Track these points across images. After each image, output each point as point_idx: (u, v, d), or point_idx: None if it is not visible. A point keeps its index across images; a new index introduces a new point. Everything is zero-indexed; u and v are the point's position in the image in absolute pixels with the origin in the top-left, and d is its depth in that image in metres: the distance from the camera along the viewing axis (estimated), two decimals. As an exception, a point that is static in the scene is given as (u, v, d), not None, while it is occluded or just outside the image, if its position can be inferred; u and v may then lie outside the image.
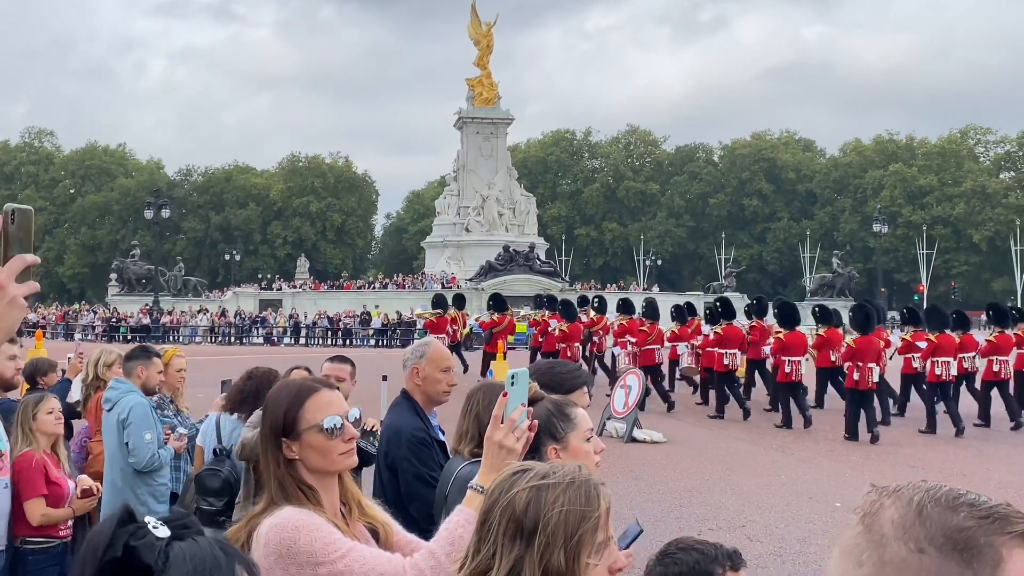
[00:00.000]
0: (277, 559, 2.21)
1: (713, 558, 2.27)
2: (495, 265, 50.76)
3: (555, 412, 2.66)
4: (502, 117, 59.88)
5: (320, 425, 2.36)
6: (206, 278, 74.38)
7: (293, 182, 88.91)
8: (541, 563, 1.69)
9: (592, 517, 1.72)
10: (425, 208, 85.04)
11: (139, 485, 5.69)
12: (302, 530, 2.22)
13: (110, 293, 58.92)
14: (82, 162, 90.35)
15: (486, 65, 60.36)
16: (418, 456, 4.11)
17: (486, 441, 2.34)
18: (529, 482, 1.76)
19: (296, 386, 2.45)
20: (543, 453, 2.55)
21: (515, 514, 1.72)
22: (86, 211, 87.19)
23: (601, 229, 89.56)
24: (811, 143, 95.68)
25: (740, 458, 13.27)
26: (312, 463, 2.36)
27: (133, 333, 44.64)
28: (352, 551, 2.23)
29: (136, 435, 5.59)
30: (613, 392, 15.47)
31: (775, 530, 9.05)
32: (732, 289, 57.10)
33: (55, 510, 5.00)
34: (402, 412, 4.29)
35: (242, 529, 2.35)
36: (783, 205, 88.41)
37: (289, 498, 2.33)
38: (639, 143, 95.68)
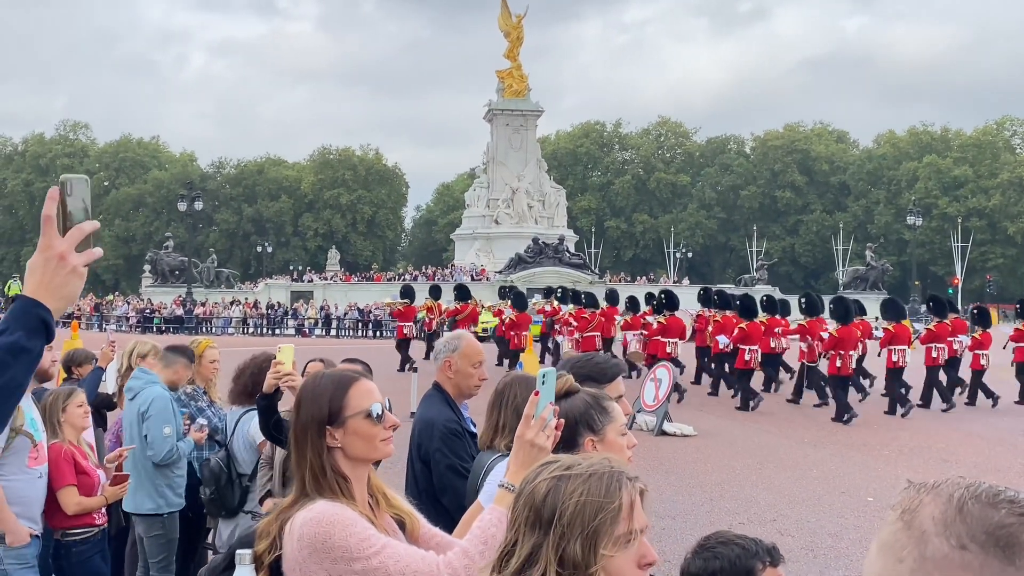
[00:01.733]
0: (311, 553, 2.21)
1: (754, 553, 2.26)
2: (524, 257, 50.74)
3: (593, 405, 2.66)
4: (532, 109, 59.76)
5: (368, 411, 2.40)
6: (238, 270, 74.96)
7: (324, 174, 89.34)
8: (557, 552, 1.70)
9: (610, 508, 1.73)
10: (455, 200, 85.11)
11: (157, 477, 5.74)
12: (337, 525, 2.22)
13: (144, 284, 59.56)
14: (116, 154, 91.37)
15: (516, 57, 60.25)
16: (450, 447, 4.12)
17: (517, 439, 2.35)
18: (552, 472, 1.78)
19: (338, 375, 2.50)
20: (580, 445, 2.55)
21: (535, 503, 1.75)
22: (120, 203, 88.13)
23: (631, 221, 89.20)
24: (844, 134, 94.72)
25: (771, 452, 13.19)
26: (355, 450, 2.38)
27: (166, 324, 45.11)
28: (386, 548, 2.23)
29: (155, 428, 5.63)
30: (643, 385, 15.43)
31: (807, 524, 8.99)
32: (764, 282, 56.71)
33: (88, 499, 5.10)
34: (434, 404, 4.30)
35: (273, 523, 2.35)
36: (816, 197, 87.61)
37: (323, 490, 2.33)
38: (670, 135, 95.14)
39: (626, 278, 61.51)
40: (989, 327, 19.84)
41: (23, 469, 4.67)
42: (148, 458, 5.67)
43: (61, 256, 1.70)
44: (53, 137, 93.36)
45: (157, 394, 5.73)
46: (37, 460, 4.75)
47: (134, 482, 5.74)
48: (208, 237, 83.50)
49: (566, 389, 2.64)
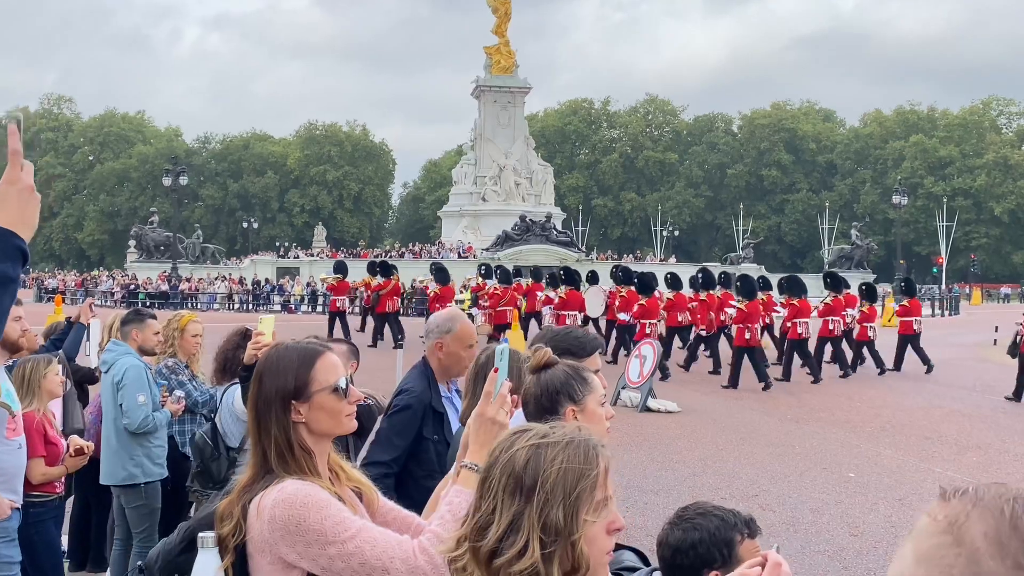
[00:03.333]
0: (284, 536, 2.17)
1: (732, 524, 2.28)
2: (511, 235, 50.63)
3: (573, 375, 2.66)
4: (519, 86, 59.49)
5: (333, 385, 2.34)
6: (224, 245, 74.62)
7: (310, 150, 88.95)
8: (540, 518, 1.70)
9: (590, 475, 1.73)
10: (442, 177, 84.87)
11: (134, 447, 5.76)
12: (311, 507, 2.17)
13: (129, 259, 59.26)
14: (100, 129, 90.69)
15: (504, 33, 59.89)
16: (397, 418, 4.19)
17: (477, 417, 2.29)
18: (529, 440, 1.77)
19: (302, 347, 2.41)
20: (561, 414, 2.54)
21: (515, 471, 1.74)
22: (105, 178, 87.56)
23: (619, 199, 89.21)
24: (831, 113, 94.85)
25: (754, 428, 13.28)
26: (319, 425, 2.33)
27: (151, 299, 44.90)
28: (362, 531, 2.19)
29: (130, 397, 5.67)
30: (628, 362, 15.49)
31: (788, 500, 9.07)
32: (750, 260, 56.81)
33: (52, 468, 5.17)
34: (412, 377, 4.35)
35: (235, 503, 2.27)
36: (802, 176, 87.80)
37: (288, 467, 2.27)
38: (658, 113, 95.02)
39: (613, 256, 61.51)
40: (876, 302, 21.70)
41: (2, 441, 4.65)
42: (124, 427, 5.69)
43: (31, 188, 1.80)
44: (37, 111, 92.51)
45: (130, 364, 5.77)
46: (15, 431, 4.73)
47: (109, 453, 5.75)
48: (194, 212, 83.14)
49: (545, 361, 2.64)
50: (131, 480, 5.77)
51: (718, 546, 2.25)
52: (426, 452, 4.14)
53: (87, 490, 6.56)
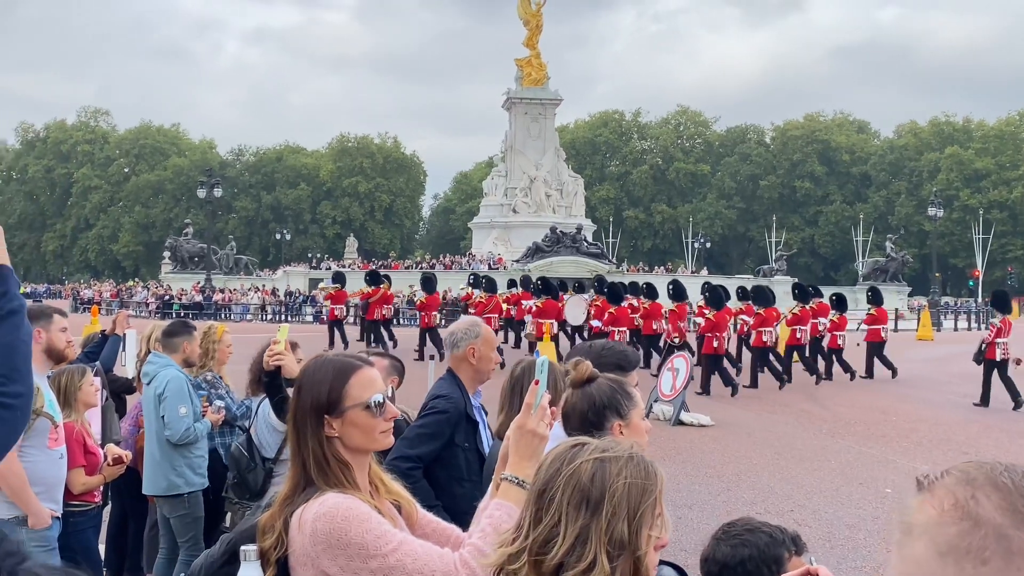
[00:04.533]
0: (326, 549, 2.16)
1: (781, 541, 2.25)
2: (542, 246, 50.61)
3: (619, 390, 2.65)
4: (550, 98, 59.57)
5: (366, 402, 2.32)
6: (257, 257, 75.26)
7: (342, 162, 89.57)
8: (607, 532, 1.69)
9: (653, 491, 1.74)
10: (473, 189, 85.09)
11: (176, 458, 5.81)
12: (353, 520, 2.17)
13: (163, 271, 59.87)
14: (136, 141, 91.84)
15: (535, 45, 60.03)
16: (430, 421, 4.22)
17: (517, 429, 2.26)
18: (591, 454, 1.76)
19: (340, 361, 2.39)
20: (608, 429, 2.52)
21: (580, 483, 1.73)
22: (140, 190, 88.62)
23: (650, 211, 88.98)
24: (866, 124, 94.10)
25: (789, 443, 13.15)
26: (353, 441, 2.32)
27: (185, 310, 45.31)
28: (403, 544, 2.18)
29: (172, 409, 5.72)
30: (660, 375, 15.41)
31: (824, 515, 8.96)
32: (783, 272, 56.38)
33: (91, 477, 5.24)
34: (445, 385, 4.38)
35: (277, 516, 2.27)
36: (836, 188, 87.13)
37: (328, 479, 2.27)
38: (689, 124, 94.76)
39: (644, 268, 61.32)
40: (845, 311, 22.62)
41: (44, 450, 4.71)
42: (166, 438, 5.74)
43: None
44: (74, 124, 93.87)
45: (172, 375, 5.82)
46: (57, 441, 4.79)
47: (152, 464, 5.80)
48: (227, 224, 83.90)
49: (588, 375, 2.63)
50: (174, 490, 5.82)
51: (767, 563, 2.22)
52: (455, 459, 4.17)
53: (124, 499, 6.62)
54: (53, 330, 4.85)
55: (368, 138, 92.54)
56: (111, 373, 7.28)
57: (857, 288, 57.35)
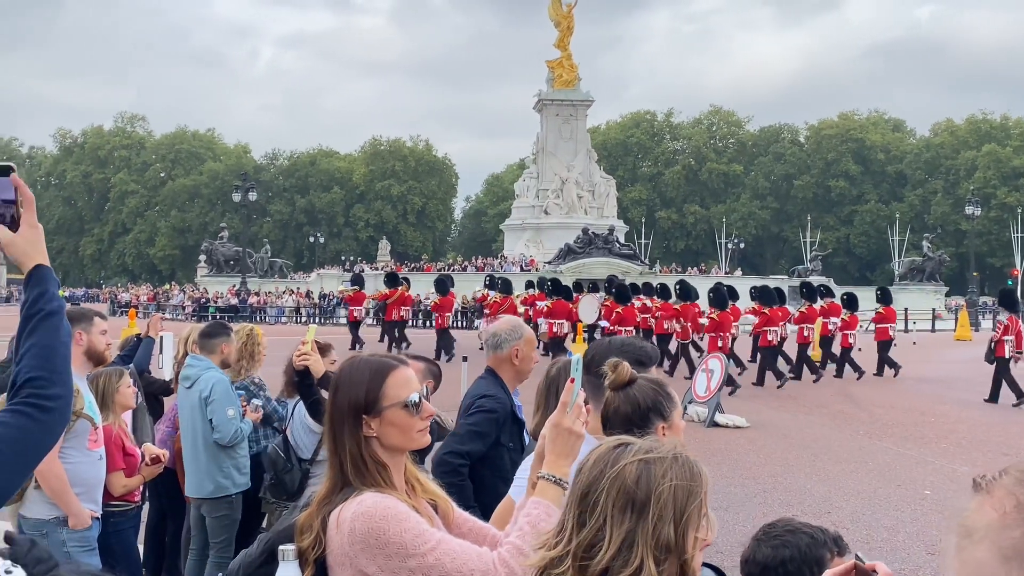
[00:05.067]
0: (363, 548, 2.16)
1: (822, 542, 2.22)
2: (574, 248, 50.51)
3: (660, 391, 2.63)
4: (582, 99, 59.47)
5: (404, 401, 2.33)
6: (291, 260, 75.83)
7: (375, 165, 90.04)
8: (654, 535, 1.67)
9: (698, 492, 1.72)
10: (504, 191, 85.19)
11: (224, 459, 5.83)
12: (391, 520, 2.17)
13: (199, 274, 60.50)
14: (172, 146, 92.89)
15: (567, 47, 59.97)
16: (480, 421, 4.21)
17: (553, 428, 2.26)
18: (635, 455, 1.74)
19: (375, 363, 2.40)
20: (651, 432, 2.50)
21: (625, 486, 1.70)
22: (176, 194, 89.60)
23: (682, 211, 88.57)
24: (901, 123, 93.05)
25: (825, 444, 13.02)
26: (390, 440, 2.32)
27: (221, 313, 45.73)
28: (441, 543, 2.19)
29: (220, 412, 5.73)
30: (695, 376, 15.32)
31: (862, 518, 8.86)
32: (818, 273, 55.84)
33: (131, 479, 5.27)
34: (489, 385, 4.37)
35: (314, 516, 2.28)
36: (871, 187, 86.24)
37: (365, 480, 2.27)
38: (722, 124, 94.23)
39: (677, 269, 61.03)
40: (856, 311, 22.59)
41: (84, 452, 4.76)
42: (215, 441, 5.76)
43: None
44: (111, 129, 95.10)
45: (217, 379, 5.83)
46: (96, 443, 4.85)
47: (198, 467, 5.84)
48: (262, 228, 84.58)
49: (629, 377, 2.61)
50: (222, 492, 5.84)
51: (808, 564, 2.20)
52: (501, 458, 4.18)
53: (162, 500, 6.68)
54: (94, 332, 4.91)
55: (400, 141, 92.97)
56: (148, 375, 7.36)
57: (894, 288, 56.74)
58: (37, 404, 1.86)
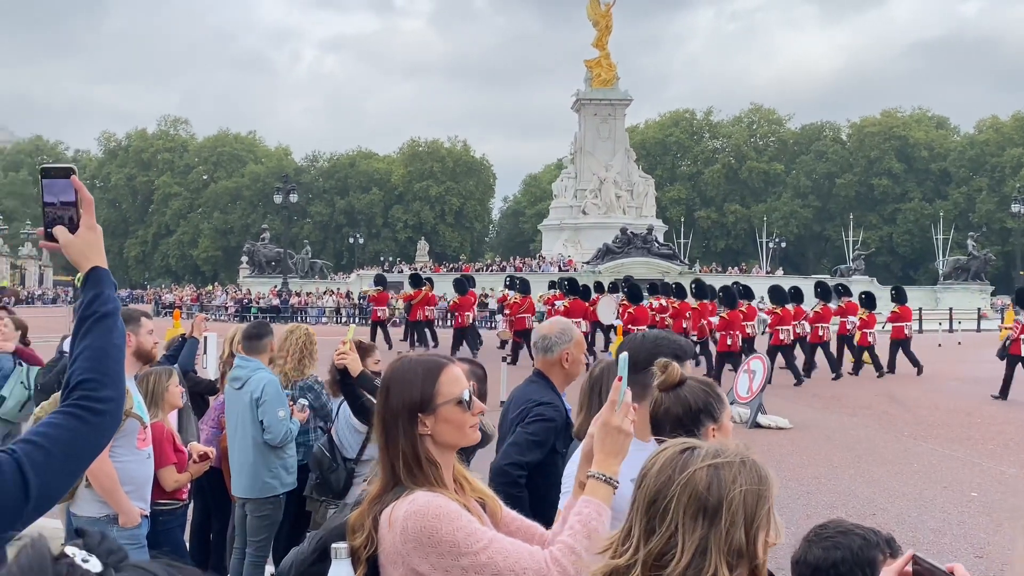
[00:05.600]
0: (416, 547, 2.18)
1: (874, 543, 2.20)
2: (612, 248, 50.37)
3: (710, 392, 2.61)
4: (620, 98, 59.28)
5: (458, 397, 2.35)
6: (331, 260, 76.37)
7: (413, 167, 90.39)
8: (726, 542, 1.66)
9: (768, 496, 1.70)
10: (542, 191, 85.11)
11: (272, 459, 5.87)
12: (443, 519, 2.18)
13: (241, 275, 61.10)
14: (214, 149, 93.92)
15: (605, 46, 59.84)
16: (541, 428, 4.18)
17: (602, 426, 2.25)
18: (704, 460, 1.72)
19: (426, 361, 2.42)
20: (702, 434, 2.49)
21: (696, 492, 1.68)
22: (218, 196, 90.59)
23: (722, 211, 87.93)
24: (944, 120, 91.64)
25: (869, 445, 12.87)
26: (444, 437, 2.34)
27: (263, 313, 46.19)
28: (494, 542, 2.19)
29: (271, 412, 5.75)
30: (737, 377, 15.22)
31: (907, 519, 8.75)
32: (860, 272, 55.22)
33: (181, 475, 5.34)
34: (543, 391, 4.33)
35: (366, 515, 2.30)
36: (915, 185, 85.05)
37: (417, 479, 2.29)
38: (763, 122, 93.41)
39: (717, 268, 60.64)
40: (874, 310, 22.81)
41: (133, 451, 4.83)
42: (266, 442, 5.80)
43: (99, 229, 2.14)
44: (155, 132, 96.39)
45: (268, 380, 5.86)
46: (145, 441, 4.92)
47: (247, 467, 5.89)
48: (303, 229, 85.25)
49: (679, 378, 2.59)
50: (270, 491, 5.89)
51: (860, 566, 2.18)
52: (555, 465, 4.15)
53: (207, 499, 6.76)
54: (142, 333, 4.98)
55: (438, 142, 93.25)
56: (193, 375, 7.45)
57: (938, 288, 55.97)
58: (89, 407, 1.88)
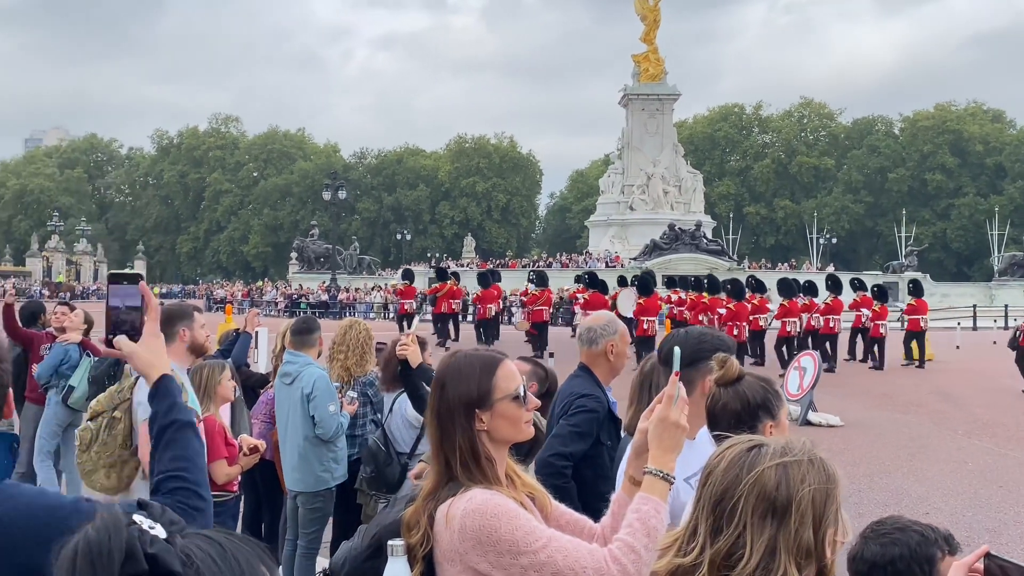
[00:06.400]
0: (475, 545, 2.17)
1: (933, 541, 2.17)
2: (660, 244, 50.07)
3: (768, 388, 2.59)
4: (668, 93, 58.84)
5: (514, 393, 2.35)
6: (379, 256, 76.85)
7: (460, 163, 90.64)
8: (795, 541, 1.65)
9: (835, 495, 1.69)
10: (589, 187, 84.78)
11: (324, 453, 5.93)
12: (502, 517, 2.17)
13: (291, 271, 61.79)
14: (264, 146, 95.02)
15: (652, 40, 59.45)
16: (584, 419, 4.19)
17: (660, 422, 2.23)
18: (772, 459, 1.70)
19: (483, 357, 2.43)
20: (759, 430, 2.47)
21: (765, 492, 1.66)
22: (268, 193, 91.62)
23: (772, 206, 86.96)
24: (1000, 114, 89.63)
25: (922, 443, 12.67)
26: (500, 433, 2.34)
27: (312, 309, 46.67)
28: (553, 540, 2.18)
29: (322, 407, 5.81)
30: (787, 373, 15.07)
31: (962, 519, 8.60)
32: (913, 268, 54.31)
33: (232, 468, 5.39)
34: (585, 383, 4.34)
35: (421, 511, 2.30)
36: (969, 180, 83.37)
37: (473, 475, 2.28)
38: (813, 116, 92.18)
39: (767, 264, 60.03)
40: (886, 302, 23.71)
41: (187, 444, 4.91)
42: (317, 436, 5.86)
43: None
44: (206, 130, 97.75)
45: (318, 375, 5.92)
46: (198, 435, 5.00)
47: (299, 461, 5.96)
48: (351, 225, 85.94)
49: (737, 373, 2.57)
50: (322, 485, 5.96)
51: (919, 562, 2.14)
52: (600, 457, 4.17)
53: (259, 491, 6.85)
54: (195, 327, 5.06)
55: (485, 138, 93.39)
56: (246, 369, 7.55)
57: (993, 284, 54.86)
58: (187, 510, 1.95)
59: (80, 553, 0.96)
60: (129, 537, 0.97)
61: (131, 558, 0.96)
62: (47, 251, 77.48)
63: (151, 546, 0.97)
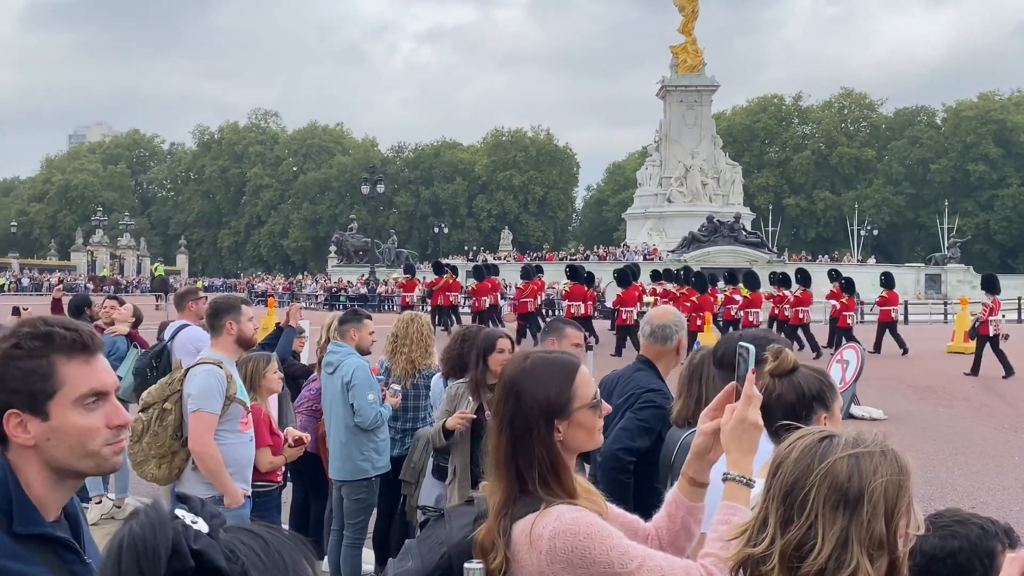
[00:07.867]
0: (566, 567, 2.05)
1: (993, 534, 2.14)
2: (698, 236, 49.71)
3: (824, 380, 2.57)
4: (706, 84, 58.38)
5: (592, 401, 2.21)
6: (416, 250, 77.22)
7: (497, 156, 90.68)
8: (867, 533, 1.64)
9: (907, 487, 1.69)
10: (626, 180, 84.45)
11: (364, 442, 6.00)
12: (595, 538, 2.06)
13: (330, 264, 62.22)
14: (303, 141, 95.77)
15: (691, 31, 59.01)
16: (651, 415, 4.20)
17: (738, 424, 2.13)
18: (844, 450, 1.68)
19: (560, 361, 2.26)
20: (813, 422, 2.45)
21: (837, 483, 1.65)
22: (308, 187, 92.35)
23: (812, 198, 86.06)
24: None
25: (967, 437, 12.51)
26: (575, 442, 2.20)
27: (352, 302, 46.95)
28: (648, 559, 2.07)
29: (360, 396, 5.88)
30: (829, 366, 14.93)
31: (1010, 514, 8.47)
32: (956, 260, 53.53)
33: (276, 458, 5.49)
34: (651, 378, 4.36)
35: (494, 531, 2.14)
36: (1013, 170, 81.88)
37: (551, 489, 2.13)
38: (854, 107, 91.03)
39: (807, 257, 59.42)
40: (853, 293, 24.36)
41: (237, 433, 5.01)
42: (356, 424, 5.94)
43: None
44: (246, 125, 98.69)
45: (357, 364, 6.00)
46: (247, 425, 5.09)
47: (340, 450, 6.04)
48: (388, 219, 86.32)
49: (792, 364, 2.57)
50: (362, 474, 6.03)
51: (979, 556, 2.12)
52: (657, 453, 4.17)
53: (306, 482, 6.94)
54: (242, 320, 5.14)
55: (521, 131, 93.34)
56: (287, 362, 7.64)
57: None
58: None
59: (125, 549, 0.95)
60: (175, 532, 0.96)
61: (177, 554, 0.94)
62: (91, 245, 78.63)
63: (196, 541, 0.96)
